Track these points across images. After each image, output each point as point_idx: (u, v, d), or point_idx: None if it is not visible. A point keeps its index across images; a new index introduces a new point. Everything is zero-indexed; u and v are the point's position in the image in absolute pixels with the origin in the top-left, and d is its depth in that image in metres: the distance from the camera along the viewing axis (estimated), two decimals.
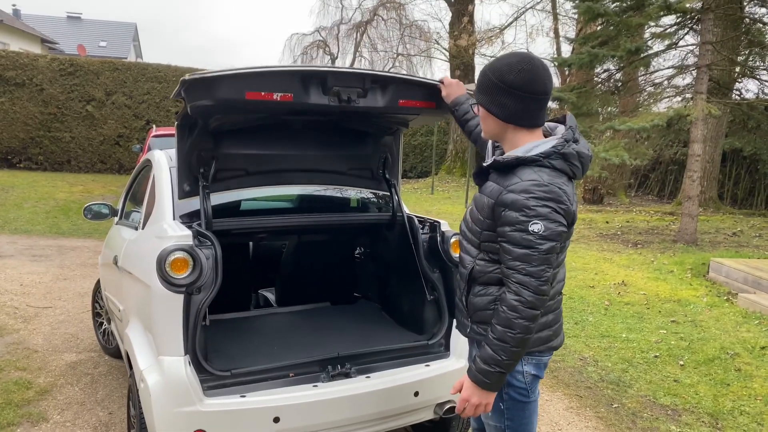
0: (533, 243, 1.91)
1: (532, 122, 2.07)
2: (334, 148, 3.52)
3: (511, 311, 1.93)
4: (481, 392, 2.03)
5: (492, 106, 2.06)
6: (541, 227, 1.91)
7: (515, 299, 1.93)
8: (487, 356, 1.98)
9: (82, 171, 17.84)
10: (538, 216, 1.91)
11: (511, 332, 1.93)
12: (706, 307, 6.34)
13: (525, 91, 2.00)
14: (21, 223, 10.39)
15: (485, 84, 2.08)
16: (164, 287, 2.57)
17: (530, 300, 1.92)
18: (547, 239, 1.91)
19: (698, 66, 9.45)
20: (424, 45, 26.12)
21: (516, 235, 1.94)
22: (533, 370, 2.16)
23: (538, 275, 1.92)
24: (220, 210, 3.29)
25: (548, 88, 2.04)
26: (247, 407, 2.61)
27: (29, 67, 17.19)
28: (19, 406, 3.89)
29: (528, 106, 2.02)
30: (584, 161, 2.07)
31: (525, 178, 1.96)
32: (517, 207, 1.93)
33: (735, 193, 15.37)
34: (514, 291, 1.94)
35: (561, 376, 4.69)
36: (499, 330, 1.95)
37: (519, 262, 1.93)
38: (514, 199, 1.94)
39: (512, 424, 2.19)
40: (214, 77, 2.45)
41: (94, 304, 5.09)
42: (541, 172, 1.97)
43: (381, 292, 3.94)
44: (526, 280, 1.92)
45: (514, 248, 1.94)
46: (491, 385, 2.01)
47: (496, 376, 1.99)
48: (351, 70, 2.77)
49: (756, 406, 4.15)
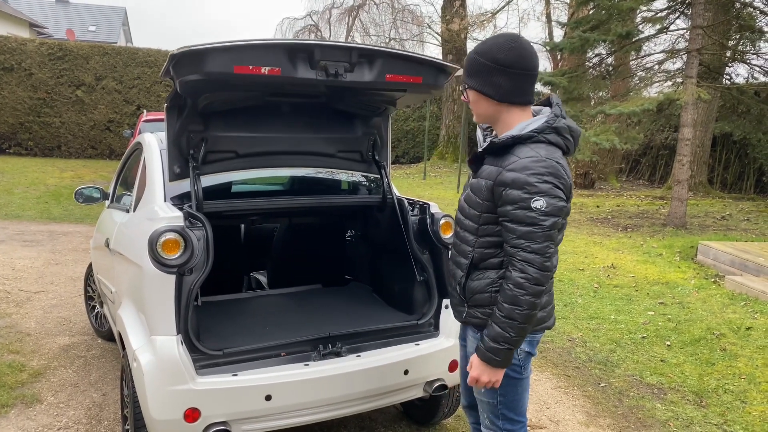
0: (536, 220, 1.94)
1: (526, 99, 2.10)
2: (323, 131, 3.54)
3: (517, 288, 1.96)
4: (491, 370, 2.08)
5: (486, 87, 2.08)
6: (543, 203, 1.93)
7: (521, 276, 1.96)
8: (495, 334, 2.02)
9: (72, 156, 17.75)
10: (540, 192, 1.94)
11: (518, 309, 1.97)
12: (693, 289, 6.43)
13: (517, 68, 2.04)
14: (12, 209, 10.35)
15: (476, 67, 2.10)
16: (156, 268, 2.60)
17: (536, 276, 1.95)
18: (549, 215, 1.94)
19: (689, 50, 9.48)
20: (417, 29, 26.02)
21: (519, 213, 1.96)
22: (527, 348, 2.21)
23: (542, 252, 1.95)
24: (211, 192, 3.31)
25: (537, 65, 2.10)
26: (239, 385, 2.64)
27: (18, 52, 17.03)
28: (12, 388, 3.92)
29: (521, 82, 2.06)
30: (575, 135, 2.12)
31: (523, 156, 1.99)
32: (518, 185, 1.96)
33: (725, 178, 15.46)
34: (519, 269, 1.96)
35: (550, 356, 4.76)
36: (506, 308, 1.98)
37: (523, 240, 1.96)
38: (514, 177, 1.97)
39: (504, 400, 2.24)
40: (203, 50, 2.47)
41: (86, 287, 5.11)
42: (538, 148, 2.01)
43: (372, 273, 3.97)
44: (530, 257, 1.95)
45: (517, 226, 1.97)
46: (501, 362, 2.06)
47: (504, 353, 2.04)
48: (338, 44, 2.79)
49: (740, 384, 4.23)
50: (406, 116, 20.80)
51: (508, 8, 20.25)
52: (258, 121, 3.33)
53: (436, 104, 20.57)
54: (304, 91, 3.15)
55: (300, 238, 4.19)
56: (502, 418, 2.26)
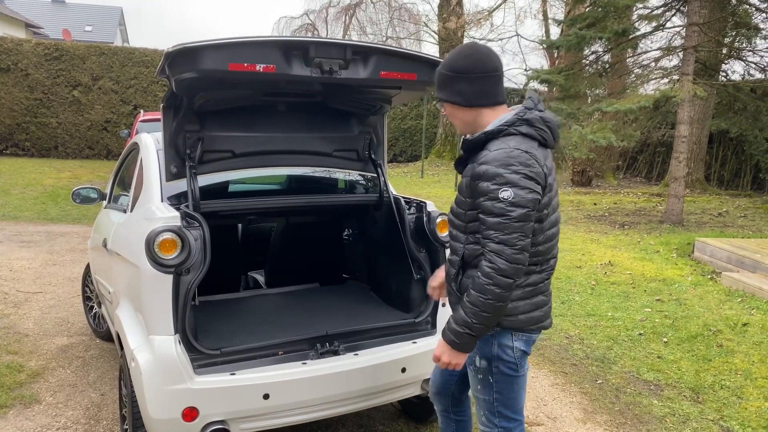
0: (504, 210, 1.97)
1: (492, 100, 2.16)
2: (319, 130, 3.54)
3: (485, 278, 2.00)
4: (451, 352, 2.13)
5: (452, 96, 2.17)
6: (510, 194, 1.96)
7: (489, 266, 1.99)
8: (459, 318, 2.08)
9: (69, 157, 17.72)
10: (508, 183, 1.97)
11: (482, 297, 2.00)
12: (690, 285, 6.45)
13: (476, 72, 2.12)
14: (8, 210, 10.34)
15: (440, 80, 2.20)
16: (153, 268, 2.60)
17: (503, 268, 1.97)
18: (517, 206, 1.96)
19: (685, 47, 9.50)
20: (414, 28, 25.97)
21: (488, 204, 2.00)
22: (522, 346, 2.22)
23: (511, 243, 1.97)
24: (207, 192, 3.31)
25: (497, 65, 2.14)
26: (237, 384, 2.66)
27: (14, 52, 16.99)
28: (11, 388, 3.92)
29: (483, 85, 2.13)
30: (551, 126, 2.14)
31: (493, 149, 2.05)
32: (488, 176, 2.01)
33: (721, 175, 15.50)
34: (488, 259, 2.00)
35: (547, 353, 4.77)
36: (473, 294, 2.03)
37: (492, 230, 1.99)
38: (485, 169, 2.02)
39: (501, 397, 2.26)
40: (198, 47, 2.48)
41: (84, 288, 5.11)
42: (509, 140, 2.06)
43: (369, 272, 3.98)
44: (499, 248, 1.98)
45: (487, 217, 2.01)
46: (461, 345, 2.10)
47: (465, 338, 2.07)
48: (332, 41, 2.81)
49: (736, 380, 4.25)
50: (404, 114, 20.81)
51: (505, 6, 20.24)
52: (254, 121, 3.34)
53: (433, 102, 20.56)
54: (299, 89, 3.16)
55: (297, 237, 4.20)
56: (499, 416, 2.28)
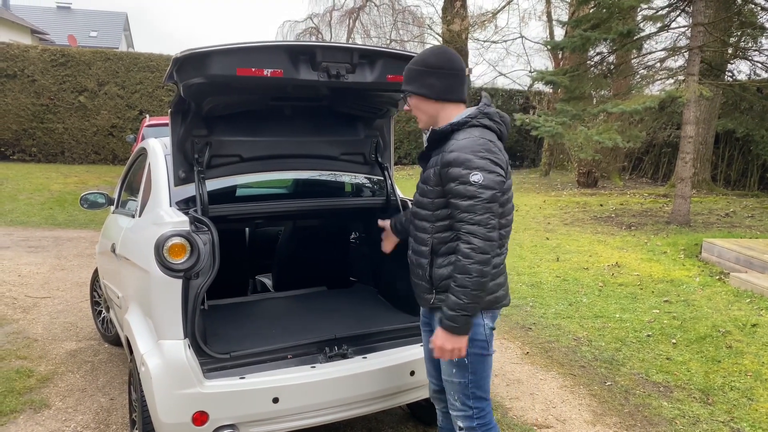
0: (476, 193, 2.15)
1: (458, 96, 2.36)
2: (326, 134, 3.55)
3: (465, 258, 2.15)
4: (452, 337, 2.24)
5: (422, 88, 2.33)
6: (480, 177, 2.15)
7: (467, 247, 2.15)
8: (451, 303, 2.21)
9: (76, 162, 17.78)
10: (477, 167, 2.16)
11: (468, 277, 2.15)
12: (698, 286, 6.42)
13: (446, 69, 2.31)
14: (16, 215, 10.39)
15: (410, 75, 2.37)
16: (163, 272, 2.61)
17: (480, 246, 2.14)
18: (487, 188, 2.15)
19: (690, 48, 9.47)
20: (417, 30, 25.98)
21: (460, 188, 2.17)
22: (491, 323, 2.39)
23: (484, 223, 2.15)
24: (215, 196, 3.32)
25: (462, 66, 2.35)
26: (246, 388, 2.66)
27: (20, 59, 17.07)
28: (21, 393, 3.94)
29: (451, 81, 2.33)
30: (505, 120, 2.39)
31: (460, 138, 2.24)
32: (458, 162, 2.18)
33: (728, 175, 15.43)
34: (465, 240, 2.17)
35: (555, 355, 4.76)
36: (459, 278, 2.18)
37: (466, 213, 2.17)
38: (455, 156, 2.19)
39: (474, 378, 2.39)
40: (206, 52, 2.51)
41: (92, 293, 5.13)
42: (473, 131, 2.26)
43: (376, 275, 3.98)
44: (473, 228, 2.15)
45: (460, 201, 2.18)
46: (460, 328, 2.23)
47: (462, 320, 2.21)
48: (339, 45, 2.83)
49: (746, 381, 4.23)
50: (408, 117, 20.79)
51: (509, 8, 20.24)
52: (262, 125, 3.35)
53: None
54: (306, 94, 3.17)
55: (304, 241, 4.20)
56: (473, 398, 2.39)
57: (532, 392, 4.15)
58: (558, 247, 8.51)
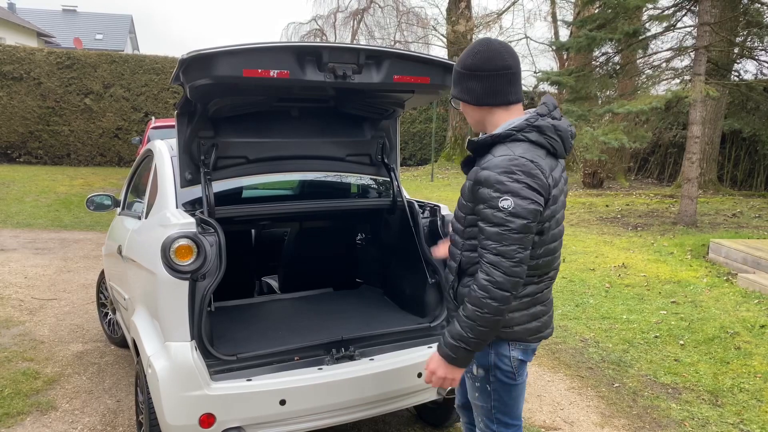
0: (504, 220, 1.88)
1: (503, 99, 2.05)
2: (332, 135, 3.55)
3: (481, 291, 1.91)
4: (447, 366, 2.04)
5: (462, 94, 2.10)
6: (510, 203, 1.87)
7: (485, 279, 1.91)
8: (455, 332, 1.99)
9: (81, 164, 17.86)
10: (509, 192, 1.88)
11: (479, 311, 1.92)
12: (706, 287, 6.39)
13: (485, 70, 2.02)
14: (23, 217, 10.42)
15: (454, 77, 2.14)
16: (169, 274, 2.61)
17: (500, 281, 1.89)
18: (517, 216, 1.88)
19: (696, 47, 9.43)
20: (422, 32, 26.02)
21: (488, 212, 1.92)
22: (520, 356, 2.16)
23: (509, 255, 1.89)
24: (222, 198, 3.32)
25: (509, 63, 2.03)
26: (253, 390, 2.65)
27: (26, 61, 17.16)
28: (27, 395, 3.94)
29: (492, 83, 2.03)
30: (563, 135, 2.05)
31: (498, 154, 1.96)
32: (489, 183, 1.92)
33: (734, 175, 15.37)
34: (485, 271, 1.91)
35: (562, 357, 4.74)
36: (469, 308, 1.94)
37: (490, 240, 1.91)
38: (487, 175, 1.94)
39: (499, 405, 2.21)
40: (212, 54, 2.49)
41: (98, 294, 5.14)
42: (515, 147, 1.96)
43: (383, 276, 3.97)
44: (496, 260, 1.90)
45: (486, 226, 1.93)
46: (457, 360, 2.02)
47: (462, 353, 1.99)
48: (345, 45, 2.82)
49: (755, 383, 4.20)
50: (413, 118, 20.79)
51: (514, 9, 20.23)
52: (268, 126, 3.35)
53: (443, 106, 20.55)
54: (312, 95, 3.16)
55: (310, 242, 4.20)
56: (497, 422, 2.23)
57: (539, 394, 4.13)
58: (564, 248, 8.48)
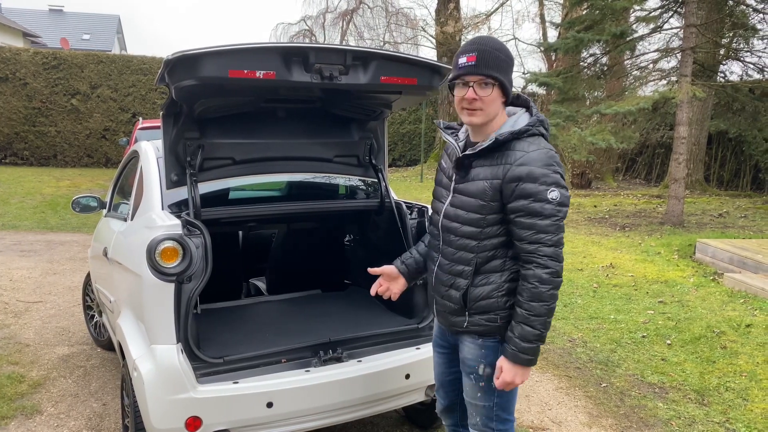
0: (555, 211, 1.96)
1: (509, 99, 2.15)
2: (319, 136, 3.53)
3: (543, 285, 1.98)
4: (524, 370, 2.09)
5: (509, 85, 2.08)
6: (557, 194, 1.95)
7: (546, 272, 1.97)
8: (529, 335, 2.02)
9: (68, 165, 17.71)
10: (554, 183, 1.96)
11: (545, 305, 1.99)
12: (692, 287, 6.43)
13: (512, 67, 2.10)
14: (8, 219, 10.32)
15: (503, 63, 2.04)
16: (155, 276, 2.59)
17: (559, 270, 1.99)
18: (563, 205, 1.98)
19: (683, 49, 9.51)
20: (411, 32, 26.03)
21: (536, 206, 1.96)
22: None
23: (561, 243, 1.99)
24: (208, 199, 3.30)
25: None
26: (240, 393, 2.64)
27: (12, 62, 17.00)
28: (12, 399, 3.89)
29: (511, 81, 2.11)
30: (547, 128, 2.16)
31: (530, 149, 1.99)
32: (533, 177, 1.96)
33: (721, 175, 15.50)
34: (542, 264, 1.97)
35: (550, 357, 4.75)
36: (536, 307, 1.99)
37: (544, 233, 1.96)
38: (529, 171, 1.96)
39: (500, 401, 2.25)
40: (197, 54, 2.47)
41: (84, 297, 5.09)
42: (539, 141, 2.03)
43: (371, 277, 3.95)
44: (551, 251, 1.97)
45: (536, 221, 1.96)
46: (533, 360, 2.08)
47: (537, 350, 2.06)
48: (332, 46, 2.80)
49: (741, 381, 4.23)
50: (402, 119, 20.81)
51: (502, 10, 20.30)
52: (254, 128, 3.33)
53: (431, 106, 20.59)
54: (299, 96, 3.15)
55: (298, 244, 4.18)
56: (496, 420, 2.27)
57: (527, 394, 4.14)
58: None
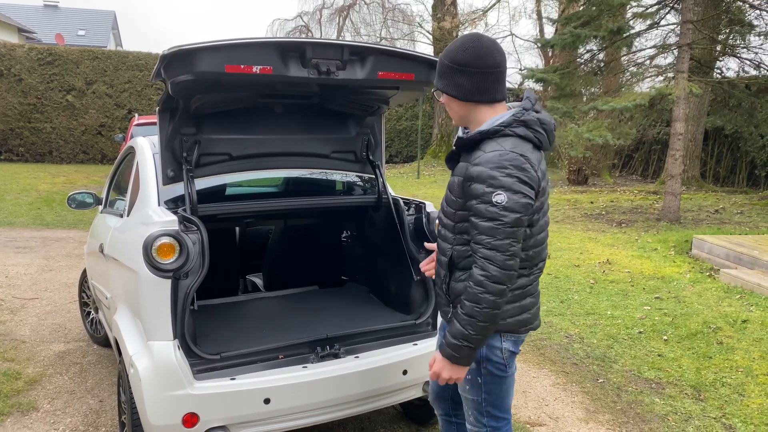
0: (497, 215, 1.92)
1: (490, 96, 2.08)
2: (317, 132, 3.53)
3: (477, 286, 1.95)
4: (451, 366, 2.08)
5: (449, 88, 2.10)
6: (504, 198, 1.91)
7: (481, 274, 1.94)
8: (456, 331, 2.01)
9: (64, 162, 17.65)
10: (502, 186, 1.92)
11: (478, 307, 1.95)
12: (689, 283, 6.45)
13: (475, 67, 2.03)
14: (3, 215, 10.28)
15: (441, 69, 2.12)
16: (151, 272, 2.58)
17: (496, 275, 1.93)
18: (510, 210, 1.91)
19: (679, 45, 9.51)
20: (408, 28, 25.98)
21: (481, 208, 1.95)
22: (511, 347, 2.21)
23: (503, 249, 1.92)
24: (205, 195, 3.29)
25: (498, 61, 2.05)
26: (237, 389, 2.63)
27: (7, 57, 16.91)
28: (8, 396, 3.88)
29: (482, 81, 2.05)
30: (548, 129, 2.08)
31: (488, 150, 1.99)
32: (481, 179, 1.95)
33: (717, 171, 15.53)
34: (480, 266, 1.95)
35: (547, 353, 4.76)
36: (467, 305, 1.97)
37: (485, 235, 1.94)
38: (479, 171, 1.96)
39: (489, 397, 2.24)
40: (194, 49, 2.46)
41: (80, 293, 5.08)
42: (504, 142, 1.99)
43: (368, 274, 3.96)
44: (491, 254, 1.93)
45: (479, 221, 1.96)
46: (461, 359, 2.05)
47: (465, 351, 2.02)
48: (329, 41, 2.78)
49: (737, 377, 4.24)
50: (399, 115, 20.79)
51: (499, 6, 20.28)
52: (251, 123, 3.32)
53: (428, 103, 20.57)
54: (296, 91, 3.14)
55: (295, 240, 4.17)
56: (487, 416, 2.26)
57: (524, 390, 4.14)
58: (549, 245, 8.49)
